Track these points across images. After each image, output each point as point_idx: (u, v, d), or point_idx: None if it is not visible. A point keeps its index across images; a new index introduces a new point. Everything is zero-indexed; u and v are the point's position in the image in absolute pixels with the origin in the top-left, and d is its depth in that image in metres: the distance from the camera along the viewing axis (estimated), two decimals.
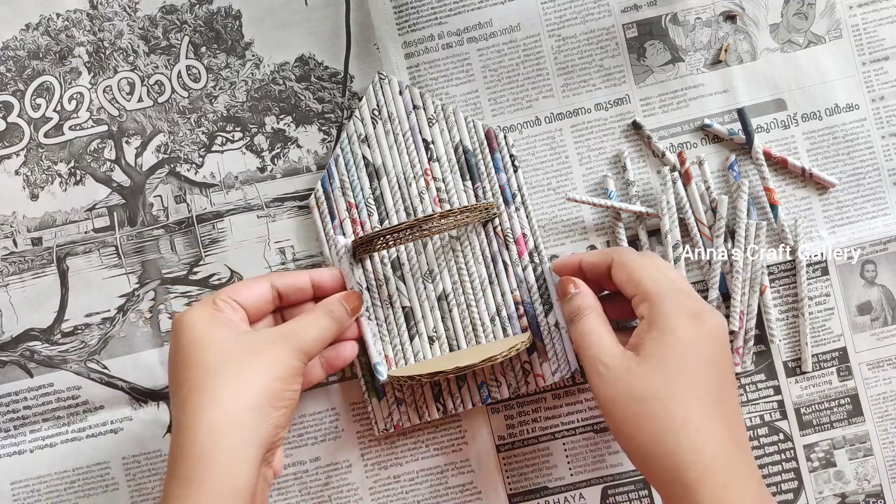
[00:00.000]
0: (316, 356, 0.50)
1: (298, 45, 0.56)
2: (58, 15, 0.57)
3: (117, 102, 0.57)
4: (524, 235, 0.55)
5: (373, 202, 0.55)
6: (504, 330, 0.54)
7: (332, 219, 0.55)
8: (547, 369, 0.54)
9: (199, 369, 0.44)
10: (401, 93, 0.55)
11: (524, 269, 0.54)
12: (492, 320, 0.54)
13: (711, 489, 0.41)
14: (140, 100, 0.57)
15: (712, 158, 0.56)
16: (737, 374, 0.55)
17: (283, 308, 0.52)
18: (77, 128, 0.57)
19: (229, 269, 0.56)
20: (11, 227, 0.57)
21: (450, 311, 0.54)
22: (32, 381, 0.56)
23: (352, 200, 0.55)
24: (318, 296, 0.53)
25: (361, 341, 0.54)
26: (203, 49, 0.57)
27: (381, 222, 0.55)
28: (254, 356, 0.45)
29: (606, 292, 0.52)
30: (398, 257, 0.54)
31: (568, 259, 0.52)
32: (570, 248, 0.56)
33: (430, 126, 0.55)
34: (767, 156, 0.55)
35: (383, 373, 0.53)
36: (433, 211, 0.55)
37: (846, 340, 0.55)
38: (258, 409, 0.43)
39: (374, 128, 0.55)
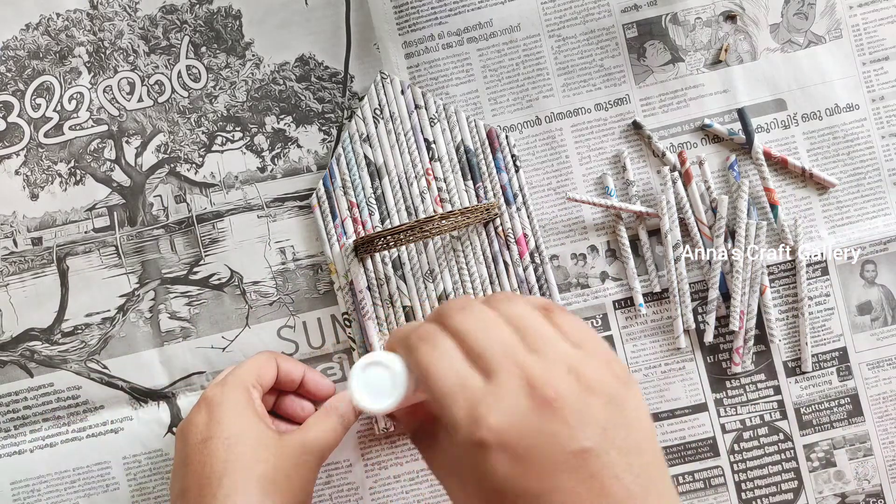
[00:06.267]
0: None
1: (298, 45, 0.56)
2: (58, 15, 0.56)
3: (117, 102, 0.57)
4: (525, 236, 0.55)
5: (374, 201, 0.55)
6: None
7: (334, 218, 0.55)
8: None
9: (240, 470, 0.45)
10: (402, 92, 0.55)
11: (525, 270, 0.54)
12: None
13: None
14: (140, 100, 0.57)
15: (712, 158, 0.56)
16: (737, 373, 0.55)
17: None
18: (77, 128, 0.57)
19: (229, 269, 0.56)
20: (11, 227, 0.57)
21: None
22: (32, 380, 0.56)
23: (353, 200, 0.55)
24: (300, 392, 0.53)
25: (366, 344, 0.54)
26: (203, 49, 0.56)
27: (383, 222, 0.55)
28: (297, 471, 0.46)
29: None
30: (399, 257, 0.54)
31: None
32: (571, 248, 0.56)
33: (431, 126, 0.55)
34: (767, 156, 0.55)
35: None
36: (434, 210, 0.55)
37: (846, 340, 0.55)
38: None
39: (376, 127, 0.55)
